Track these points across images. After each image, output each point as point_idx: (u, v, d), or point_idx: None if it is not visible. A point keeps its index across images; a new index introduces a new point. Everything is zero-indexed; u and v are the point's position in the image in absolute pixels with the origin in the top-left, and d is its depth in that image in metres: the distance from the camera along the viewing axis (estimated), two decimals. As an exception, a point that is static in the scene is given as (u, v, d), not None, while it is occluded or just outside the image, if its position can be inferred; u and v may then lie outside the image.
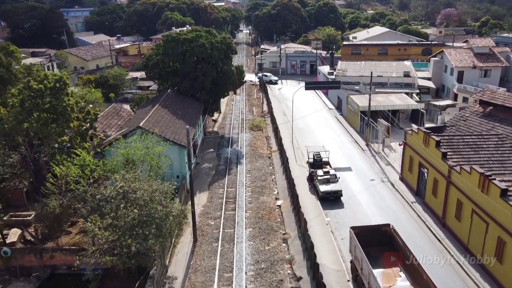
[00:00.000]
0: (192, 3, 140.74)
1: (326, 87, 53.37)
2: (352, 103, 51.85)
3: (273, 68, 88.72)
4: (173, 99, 43.52)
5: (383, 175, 37.76)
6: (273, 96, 68.63)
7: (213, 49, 44.77)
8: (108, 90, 62.76)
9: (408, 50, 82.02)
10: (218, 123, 55.52)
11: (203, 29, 48.14)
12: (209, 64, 45.00)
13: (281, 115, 58.00)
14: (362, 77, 64.08)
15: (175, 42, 44.69)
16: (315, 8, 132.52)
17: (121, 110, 43.74)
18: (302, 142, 46.93)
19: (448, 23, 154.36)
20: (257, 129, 53.05)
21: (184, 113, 40.97)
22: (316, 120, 55.42)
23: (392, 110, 49.63)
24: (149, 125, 33.80)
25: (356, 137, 48.30)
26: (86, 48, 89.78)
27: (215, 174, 39.44)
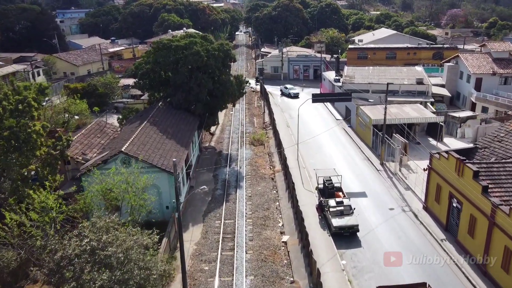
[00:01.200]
0: (190, 4, 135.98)
1: (336, 100, 48.46)
2: (363, 115, 47.07)
3: (275, 73, 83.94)
4: (164, 114, 38.75)
5: (403, 203, 32.97)
6: (275, 105, 63.83)
7: (209, 57, 40.03)
8: (97, 100, 58.04)
9: (418, 54, 77.32)
10: (216, 136, 50.74)
11: (198, 35, 43.36)
12: (204, 74, 40.26)
13: (284, 126, 53.24)
14: (371, 85, 59.54)
15: (166, 50, 39.93)
16: (317, 9, 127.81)
17: (106, 126, 38.98)
18: (309, 160, 42.20)
19: (454, 24, 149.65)
20: (258, 143, 48.27)
21: (176, 130, 36.19)
22: (321, 131, 50.59)
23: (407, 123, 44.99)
24: (133, 149, 29.05)
25: (368, 153, 43.52)
26: (76, 52, 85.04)
27: (211, 200, 34.65)
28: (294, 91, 67.92)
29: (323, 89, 70.53)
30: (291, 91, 68.13)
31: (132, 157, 28.15)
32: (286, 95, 67.83)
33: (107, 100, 58.76)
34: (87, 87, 57.47)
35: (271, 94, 71.17)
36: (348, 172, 39.01)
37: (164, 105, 40.80)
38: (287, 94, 68.06)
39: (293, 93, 66.40)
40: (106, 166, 28.53)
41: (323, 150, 45.07)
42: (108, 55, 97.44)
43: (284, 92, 68.89)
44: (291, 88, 69.19)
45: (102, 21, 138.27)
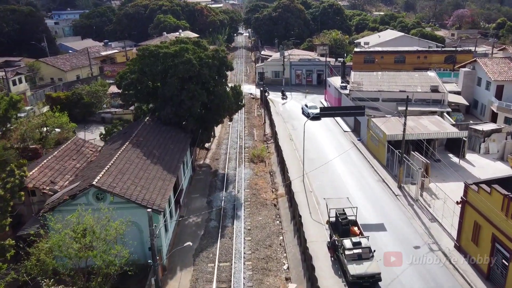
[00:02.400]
0: (187, 5, 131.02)
1: (347, 114, 43.27)
2: (375, 129, 42.09)
3: (276, 78, 78.97)
4: (151, 131, 33.78)
5: (430, 239, 28.00)
6: (277, 114, 58.89)
7: (202, 65, 35.06)
8: (82, 110, 53.14)
9: (429, 58, 72.38)
10: (212, 152, 45.74)
11: (190, 40, 38.37)
12: (197, 85, 35.31)
13: (287, 140, 48.29)
14: (381, 92, 54.63)
15: (154, 58, 34.98)
16: (320, 10, 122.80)
17: (85, 145, 34.00)
18: (315, 181, 37.25)
19: (460, 25, 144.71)
20: (259, 160, 43.28)
21: (164, 152, 31.22)
22: (329, 147, 45.70)
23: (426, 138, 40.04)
24: (108, 180, 24.08)
25: (383, 173, 38.55)
26: (65, 56, 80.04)
27: (204, 235, 29.64)
28: (315, 110, 52.20)
29: (328, 96, 65.61)
30: (311, 111, 53.81)
31: (106, 192, 23.18)
32: (306, 116, 53.97)
33: (93, 110, 53.80)
34: (71, 96, 52.50)
35: (272, 101, 66.27)
36: (361, 197, 34.09)
37: (151, 120, 35.81)
38: (307, 115, 54.16)
39: (313, 114, 51.28)
40: (76, 202, 23.64)
41: (331, 168, 40.08)
42: (100, 59, 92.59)
43: (304, 111, 56.99)
44: (312, 107, 55.51)
45: (96, 23, 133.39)
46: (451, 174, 36.59)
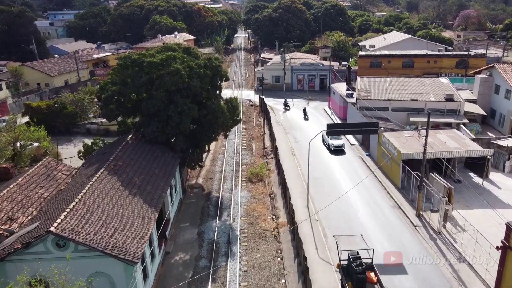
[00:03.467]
0: (184, 5, 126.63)
1: (356, 132, 38.59)
2: (388, 145, 37.65)
3: (276, 83, 74.58)
4: (133, 152, 29.35)
5: (460, 286, 23.59)
6: (277, 124, 54.49)
7: (192, 76, 30.65)
8: (64, 121, 48.76)
9: (439, 62, 67.94)
10: (205, 169, 41.29)
11: (180, 47, 33.88)
12: (187, 99, 30.90)
13: (289, 155, 43.92)
14: (391, 101, 50.26)
15: (137, 67, 30.56)
16: (321, 11, 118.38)
17: (57, 168, 29.53)
18: (321, 205, 32.79)
19: (466, 26, 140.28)
20: (257, 179, 38.86)
21: (147, 178, 26.80)
22: (335, 164, 41.30)
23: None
24: (73, 222, 19.67)
25: (397, 196, 34.13)
26: (53, 60, 75.60)
27: (192, 277, 25.17)
28: (338, 141, 43.83)
29: (332, 103, 61.22)
30: (332, 142, 43.69)
31: (67, 239, 18.78)
32: (326, 147, 44.83)
33: (77, 121, 49.39)
34: (52, 105, 48.07)
35: (272, 108, 61.90)
36: (374, 228, 29.70)
37: (134, 138, 31.37)
38: (327, 146, 44.72)
39: (335, 146, 43.45)
40: (32, 250, 19.27)
41: (339, 190, 35.65)
42: (92, 62, 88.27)
43: (324, 141, 45.80)
44: (335, 138, 44.00)
45: (90, 24, 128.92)
46: (475, 199, 32.23)
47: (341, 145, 43.89)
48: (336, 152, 43.64)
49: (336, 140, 44.21)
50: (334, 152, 43.61)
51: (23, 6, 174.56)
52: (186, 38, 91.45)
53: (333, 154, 43.41)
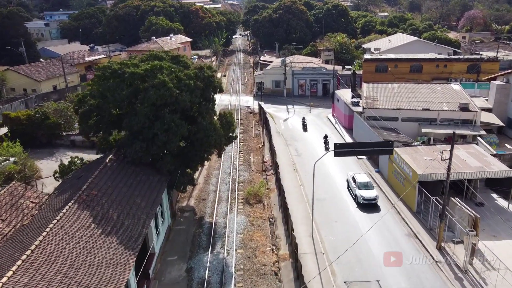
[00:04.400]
0: (181, 6, 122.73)
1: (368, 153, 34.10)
2: (400, 163, 33.79)
3: (276, 89, 70.77)
4: (112, 176, 25.52)
5: None
6: (277, 134, 50.69)
7: (181, 89, 26.83)
8: (46, 132, 44.95)
9: (449, 66, 64.04)
10: (198, 188, 37.45)
11: (167, 55, 30.00)
12: (175, 114, 27.07)
13: (290, 170, 40.13)
14: (401, 111, 46.45)
15: (118, 79, 26.74)
16: (323, 12, 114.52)
17: (25, 195, 25.70)
18: (328, 234, 29.06)
19: (471, 27, 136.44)
20: (256, 200, 35.02)
21: (126, 210, 22.96)
22: (342, 181, 37.44)
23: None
24: (23, 279, 15.84)
25: (413, 223, 30.29)
26: (40, 64, 71.71)
27: (177, 330, 21.38)
28: (369, 193, 32.62)
29: (336, 111, 57.39)
30: (361, 193, 32.67)
31: (15, 305, 14.95)
32: (354, 198, 33.77)
33: (60, 132, 45.56)
34: (33, 115, 44.22)
35: (272, 116, 58.14)
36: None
37: (115, 159, 27.54)
38: (354, 197, 33.74)
39: (365, 199, 32.40)
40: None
41: (346, 214, 31.88)
42: (84, 66, 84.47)
43: (350, 188, 34.99)
44: (364, 184, 33.50)
45: (84, 25, 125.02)
46: (502, 226, 28.53)
47: (374, 197, 32.52)
48: (366, 207, 32.21)
49: (367, 191, 32.86)
50: (363, 207, 32.27)
51: (18, 6, 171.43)
52: (182, 40, 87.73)
53: (362, 209, 32.12)
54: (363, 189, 33.16)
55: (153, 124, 26.72)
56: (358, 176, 34.78)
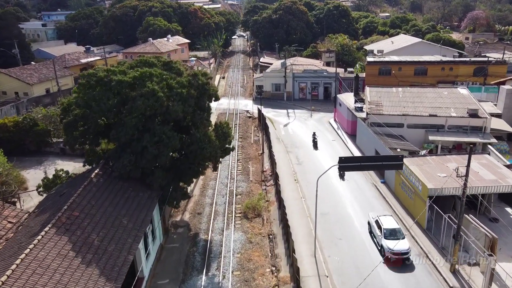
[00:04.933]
0: (180, 6, 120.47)
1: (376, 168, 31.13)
2: (409, 175, 31.62)
3: (276, 92, 68.66)
4: (98, 193, 23.39)
5: None
6: (277, 141, 48.55)
7: (173, 98, 24.70)
8: (35, 139, 42.85)
9: (455, 69, 61.90)
10: (194, 200, 35.32)
11: (159, 61, 27.84)
12: (166, 125, 24.94)
13: (291, 181, 38.01)
14: (407, 117, 44.33)
15: (104, 87, 24.61)
16: (324, 12, 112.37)
17: (2, 214, 23.56)
18: (332, 254, 26.94)
19: (474, 28, 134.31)
20: (254, 215, 32.90)
21: (110, 234, 20.83)
22: (345, 192, 35.35)
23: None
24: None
25: (423, 240, 28.14)
26: (33, 66, 69.48)
27: None
28: (400, 245, 25.72)
29: (339, 116, 55.25)
30: (388, 245, 26.00)
31: None
32: (378, 248, 27.28)
33: (49, 139, 43.43)
34: (21, 122, 42.10)
35: (271, 121, 56.02)
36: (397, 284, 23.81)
37: (102, 174, 25.40)
38: (379, 248, 27.15)
39: (395, 252, 25.53)
40: None
41: (351, 230, 29.75)
42: (80, 67, 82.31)
43: (374, 235, 28.33)
44: (393, 233, 26.88)
45: (81, 26, 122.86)
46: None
47: (406, 251, 25.68)
48: (396, 265, 25.56)
49: (396, 241, 25.69)
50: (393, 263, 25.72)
51: (15, 6, 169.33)
52: (179, 42, 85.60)
53: (392, 267, 25.41)
54: (391, 238, 26.24)
55: (143, 136, 24.59)
56: (384, 220, 27.68)
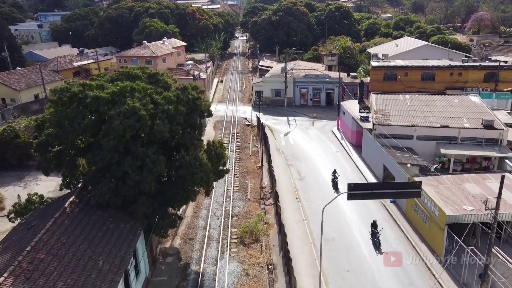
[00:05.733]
0: (177, 7, 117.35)
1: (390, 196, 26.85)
2: (425, 199, 28.42)
3: (276, 98, 65.57)
4: (70, 228, 20.31)
5: None
6: (278, 152, 45.45)
7: (158, 116, 21.58)
8: (16, 152, 39.77)
9: (464, 75, 58.76)
10: (186, 222, 32.18)
11: (143, 72, 24.69)
12: (150, 147, 21.83)
13: (292, 198, 34.92)
14: (416, 128, 41.24)
15: (80, 104, 21.51)
16: (325, 13, 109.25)
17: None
18: (338, 281, 23.84)
19: (478, 29, 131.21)
20: (252, 239, 29.82)
21: (82, 279, 17.74)
22: (352, 214, 32.22)
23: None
24: None
25: (442, 275, 25.02)
26: (21, 71, 66.28)
27: None
28: None
29: (342, 125, 52.12)
30: None
31: None
32: None
33: (32, 152, 40.27)
34: (0, 134, 39.01)
35: (271, 130, 52.97)
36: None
37: (78, 202, 22.30)
38: None
39: None
40: None
41: (359, 260, 26.65)
42: (73, 71, 79.36)
43: None
44: None
45: (76, 27, 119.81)
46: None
47: None
48: None
49: None
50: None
51: (11, 7, 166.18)
52: (176, 45, 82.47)
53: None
54: None
55: (124, 159, 21.47)
56: None
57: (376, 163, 39.89)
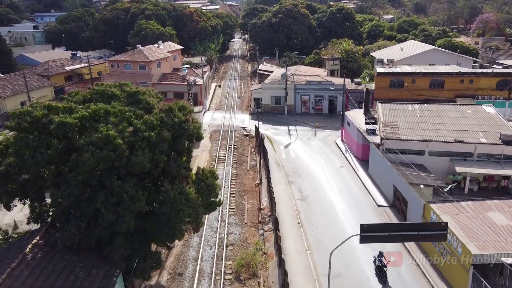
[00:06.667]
0: (174, 9, 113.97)
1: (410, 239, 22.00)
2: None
3: (276, 105, 62.23)
4: (31, 280, 16.98)
5: None
6: (278, 167, 42.08)
7: (138, 145, 18.26)
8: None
9: (476, 82, 55.36)
10: (174, 254, 28.81)
11: (123, 91, 21.28)
12: (129, 180, 18.49)
13: (293, 223, 31.57)
14: (428, 143, 37.97)
15: (43, 131, 18.19)
16: (327, 15, 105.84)
17: None
18: None
19: (484, 31, 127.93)
20: (249, 274, 26.50)
21: None
22: (360, 247, 28.81)
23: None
24: None
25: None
26: (7, 77, 62.91)
27: None
28: None
29: (347, 137, 48.78)
30: None
31: None
32: None
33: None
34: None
35: (270, 141, 49.68)
36: None
37: (43, 244, 18.97)
38: None
39: None
40: None
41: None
42: (64, 75, 76.10)
43: None
44: None
45: (71, 29, 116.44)
46: None
47: None
48: None
49: None
50: None
51: (7, 8, 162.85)
52: (171, 49, 78.99)
53: None
54: None
55: (95, 195, 18.15)
56: None
57: (385, 182, 36.54)
